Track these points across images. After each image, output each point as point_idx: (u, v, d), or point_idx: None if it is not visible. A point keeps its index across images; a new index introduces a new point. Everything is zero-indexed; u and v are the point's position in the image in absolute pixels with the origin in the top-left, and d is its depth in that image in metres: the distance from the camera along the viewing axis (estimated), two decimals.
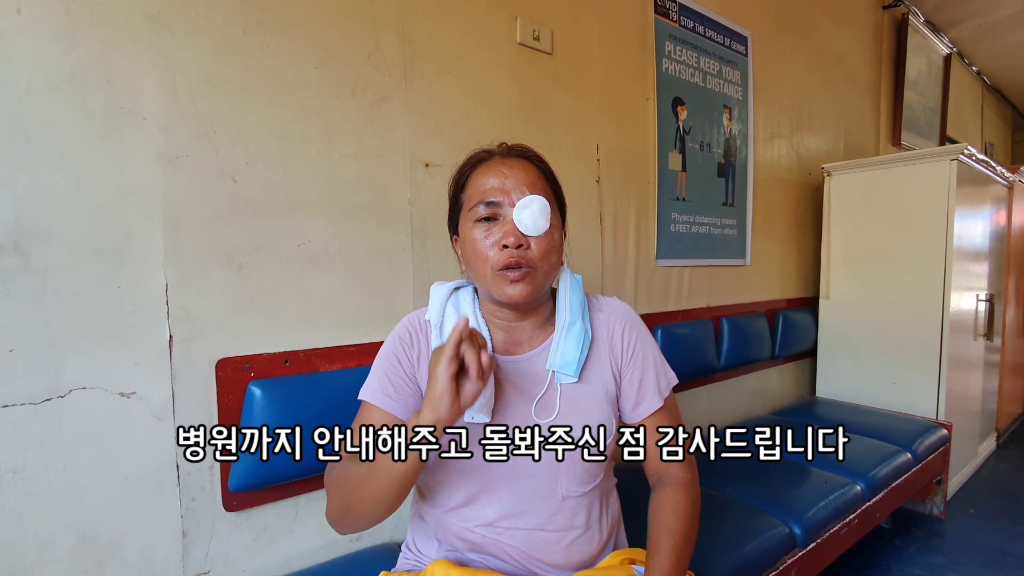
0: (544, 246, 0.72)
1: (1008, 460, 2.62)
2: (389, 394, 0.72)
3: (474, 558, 0.76)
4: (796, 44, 2.38)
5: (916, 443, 1.80)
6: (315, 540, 1.05)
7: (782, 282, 2.38)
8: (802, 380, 2.55)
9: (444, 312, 0.79)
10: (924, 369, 2.10)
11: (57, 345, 0.79)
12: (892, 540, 1.87)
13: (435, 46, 1.20)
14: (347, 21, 1.06)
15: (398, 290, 1.16)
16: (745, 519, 1.23)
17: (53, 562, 0.79)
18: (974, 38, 3.67)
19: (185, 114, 0.89)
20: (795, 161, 2.41)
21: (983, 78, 4.42)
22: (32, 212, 0.77)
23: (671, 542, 0.71)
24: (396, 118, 1.14)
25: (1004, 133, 5.35)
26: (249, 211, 0.96)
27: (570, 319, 0.78)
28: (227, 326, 0.94)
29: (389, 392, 0.72)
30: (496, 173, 0.73)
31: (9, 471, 0.76)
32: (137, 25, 0.84)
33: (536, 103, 1.40)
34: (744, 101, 2.09)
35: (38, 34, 0.77)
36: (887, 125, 3.14)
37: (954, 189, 1.99)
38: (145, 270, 0.86)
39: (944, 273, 2.03)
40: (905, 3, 3.06)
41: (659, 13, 1.74)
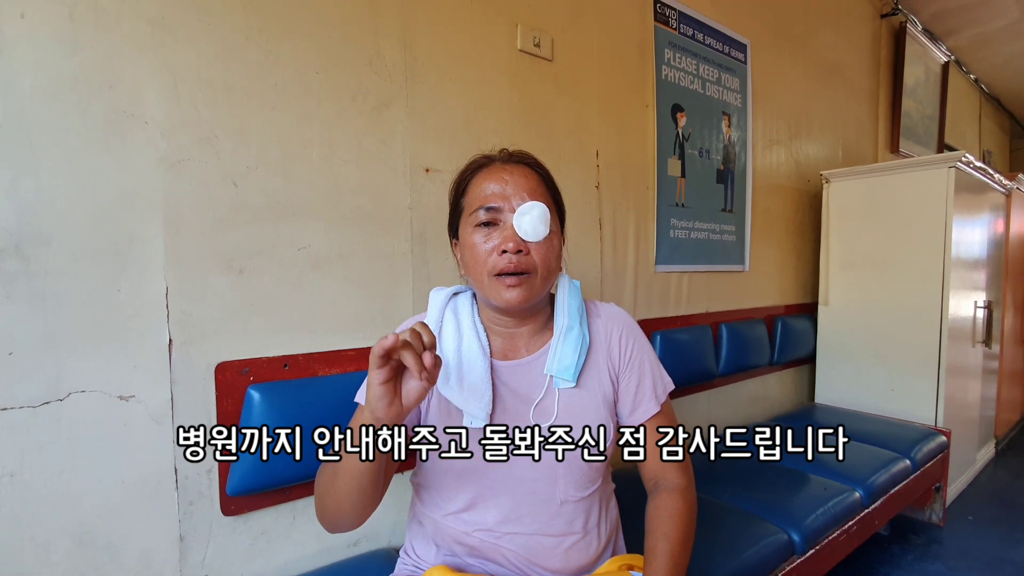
0: (543, 252, 0.72)
1: (1006, 467, 2.62)
2: None
3: (472, 563, 0.76)
4: (795, 52, 2.39)
5: (915, 450, 1.80)
6: (313, 545, 1.05)
7: (781, 288, 2.38)
8: (801, 386, 2.55)
9: (443, 317, 0.80)
10: (923, 376, 2.10)
11: (57, 348, 0.79)
12: (891, 547, 1.86)
13: (436, 52, 1.20)
14: (349, 27, 1.07)
15: (397, 295, 1.16)
16: (743, 526, 1.22)
17: (50, 565, 0.79)
18: (972, 47, 3.69)
19: (187, 119, 0.89)
20: (794, 168, 2.42)
21: (981, 86, 4.44)
22: (34, 215, 0.77)
23: (668, 547, 0.71)
24: (397, 123, 1.14)
25: (1002, 141, 5.38)
26: (250, 215, 0.96)
27: (568, 324, 0.78)
28: (227, 330, 0.94)
29: None
30: (497, 179, 0.73)
31: (7, 474, 0.76)
32: (140, 30, 0.85)
33: (536, 109, 1.41)
34: (743, 108, 2.10)
35: (42, 38, 0.77)
36: (885, 132, 3.15)
37: (952, 196, 2.00)
38: (146, 274, 0.86)
39: (942, 280, 2.03)
40: (903, 12, 3.08)
41: (659, 20, 1.75)
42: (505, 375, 0.77)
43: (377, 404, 0.57)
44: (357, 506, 0.65)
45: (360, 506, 0.66)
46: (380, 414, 0.58)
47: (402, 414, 0.59)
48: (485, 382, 0.74)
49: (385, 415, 0.57)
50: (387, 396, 0.57)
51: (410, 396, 0.59)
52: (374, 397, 0.57)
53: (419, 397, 0.59)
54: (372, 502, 0.67)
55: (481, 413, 0.73)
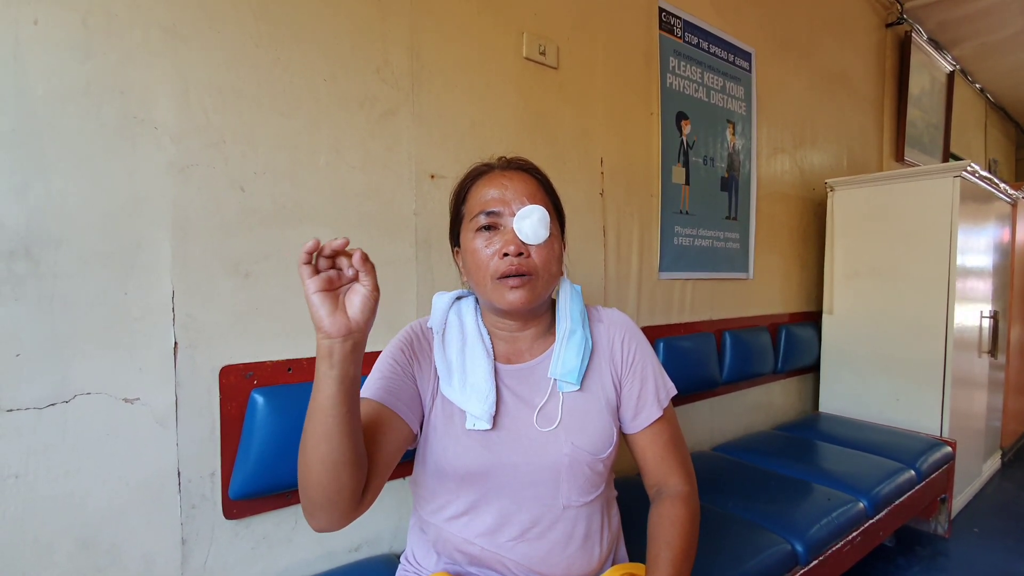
0: (544, 255, 0.73)
1: (1013, 479, 2.59)
2: (382, 386, 0.72)
3: (473, 571, 0.76)
4: (799, 61, 2.40)
5: (920, 460, 1.78)
6: (314, 550, 1.05)
7: (785, 296, 2.38)
8: (805, 395, 2.54)
9: (447, 320, 0.80)
10: (928, 386, 2.09)
11: (63, 350, 0.79)
12: (896, 559, 1.84)
13: (443, 60, 1.21)
14: (357, 35, 1.08)
15: (402, 300, 1.16)
16: (746, 535, 1.21)
17: (52, 567, 0.79)
18: (977, 56, 3.69)
19: (196, 125, 0.90)
20: (798, 176, 2.42)
21: (986, 96, 4.44)
22: (44, 219, 0.78)
23: (670, 555, 0.71)
24: (403, 130, 1.15)
25: (1007, 150, 5.36)
26: (257, 220, 0.97)
27: (570, 328, 0.79)
28: (232, 333, 0.95)
29: (382, 385, 0.73)
30: (496, 184, 0.74)
31: (12, 475, 0.76)
32: (152, 37, 0.86)
33: (541, 116, 1.42)
34: (747, 116, 2.10)
35: (55, 44, 0.79)
36: (890, 141, 3.15)
37: (957, 205, 2.00)
38: (153, 277, 0.87)
39: (948, 289, 2.02)
40: (908, 21, 3.08)
41: (664, 29, 1.76)
42: (508, 378, 0.77)
43: (318, 315, 0.54)
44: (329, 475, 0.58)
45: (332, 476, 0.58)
46: (325, 325, 0.54)
47: (351, 326, 0.55)
48: (489, 383, 0.74)
49: (330, 325, 0.54)
50: (327, 304, 0.54)
51: (355, 305, 0.56)
52: (313, 308, 0.54)
53: (366, 305, 0.56)
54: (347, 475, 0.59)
55: (484, 415, 0.73)
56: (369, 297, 0.56)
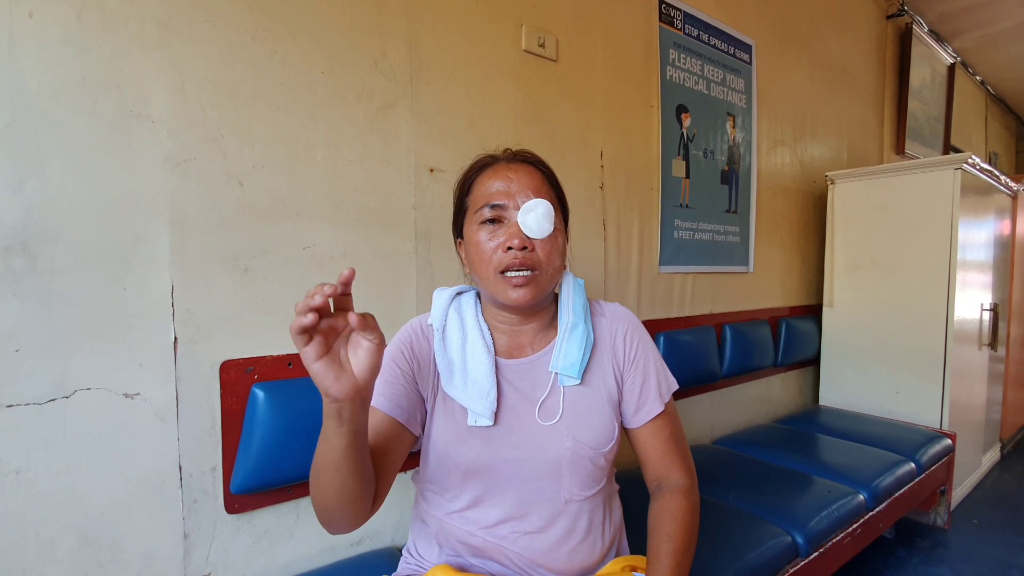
0: (548, 249, 0.73)
1: (1012, 471, 2.60)
2: (384, 395, 0.72)
3: (475, 563, 0.76)
4: (800, 53, 2.39)
5: (920, 453, 1.79)
6: (316, 543, 1.05)
7: (785, 290, 2.38)
8: (805, 388, 2.54)
9: (447, 316, 0.80)
10: (928, 378, 2.09)
11: (63, 346, 0.79)
12: (895, 550, 1.85)
13: (441, 53, 1.21)
14: (354, 28, 1.07)
15: (401, 295, 1.16)
16: (747, 528, 1.22)
17: (54, 563, 0.80)
18: (978, 48, 3.67)
19: (193, 119, 0.90)
20: (799, 169, 2.41)
21: (987, 88, 4.42)
22: (40, 214, 0.77)
23: (671, 549, 0.71)
24: (401, 124, 1.15)
25: (1008, 143, 5.35)
26: (255, 215, 0.96)
27: (573, 322, 0.79)
28: (231, 329, 0.94)
29: (385, 393, 0.72)
30: (501, 177, 0.74)
31: (12, 471, 0.76)
32: (147, 31, 0.85)
33: (541, 109, 1.41)
34: (748, 109, 2.09)
35: (49, 38, 0.78)
36: (891, 134, 3.14)
37: (958, 198, 1.99)
38: (151, 272, 0.86)
39: (948, 282, 2.02)
40: (909, 13, 3.07)
41: (664, 21, 1.75)
42: (510, 373, 0.77)
43: (323, 383, 0.51)
44: (344, 500, 0.60)
45: (347, 500, 0.60)
46: (332, 392, 0.52)
47: (359, 385, 0.52)
48: (490, 380, 0.74)
49: (338, 391, 0.51)
50: (331, 371, 0.51)
51: (361, 362, 0.53)
52: (317, 377, 0.51)
53: (372, 361, 0.53)
54: (360, 498, 0.61)
55: (486, 411, 0.73)
56: (376, 352, 0.53)
